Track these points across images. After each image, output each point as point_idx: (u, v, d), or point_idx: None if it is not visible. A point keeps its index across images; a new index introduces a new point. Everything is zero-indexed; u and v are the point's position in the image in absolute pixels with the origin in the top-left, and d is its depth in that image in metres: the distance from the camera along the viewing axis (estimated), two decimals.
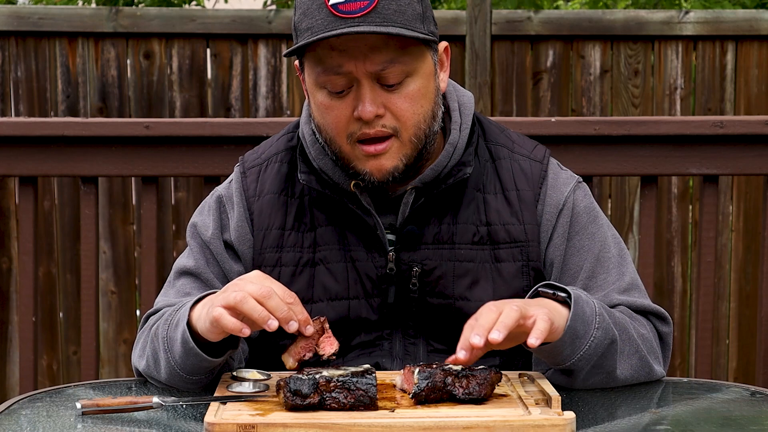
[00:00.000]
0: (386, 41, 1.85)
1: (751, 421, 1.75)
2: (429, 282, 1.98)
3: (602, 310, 1.86)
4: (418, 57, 1.90)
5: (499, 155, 2.05)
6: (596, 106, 4.42)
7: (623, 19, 4.42)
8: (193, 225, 2.08)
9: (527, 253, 2.00)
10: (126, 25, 4.38)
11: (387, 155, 1.91)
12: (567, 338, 1.80)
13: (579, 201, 2.05)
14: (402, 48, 1.87)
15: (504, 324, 1.69)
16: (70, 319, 4.35)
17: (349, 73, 1.86)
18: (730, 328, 4.38)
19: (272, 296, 1.73)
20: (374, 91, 1.87)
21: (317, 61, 1.89)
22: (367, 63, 1.85)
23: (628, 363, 1.90)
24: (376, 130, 1.89)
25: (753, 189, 4.34)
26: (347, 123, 1.90)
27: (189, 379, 1.87)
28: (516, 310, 1.71)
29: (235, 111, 4.41)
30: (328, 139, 1.94)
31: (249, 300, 1.72)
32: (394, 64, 1.87)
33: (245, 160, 2.09)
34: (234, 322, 1.72)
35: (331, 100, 1.90)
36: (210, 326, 1.77)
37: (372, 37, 1.84)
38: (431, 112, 1.94)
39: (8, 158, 3.14)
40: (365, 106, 1.87)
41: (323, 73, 1.88)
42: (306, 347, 1.79)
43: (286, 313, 1.74)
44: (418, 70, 1.90)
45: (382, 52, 1.85)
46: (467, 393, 1.68)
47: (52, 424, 1.72)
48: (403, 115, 1.90)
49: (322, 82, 1.89)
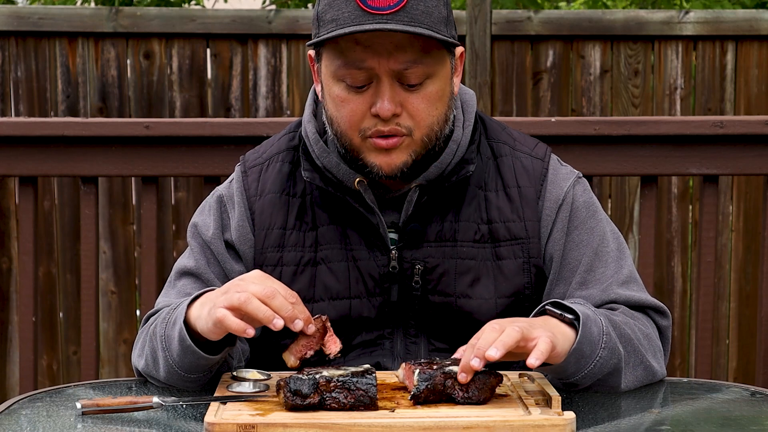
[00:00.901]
0: (411, 41, 1.86)
1: (751, 421, 1.75)
2: (431, 280, 1.98)
3: (609, 329, 1.85)
4: (438, 60, 1.91)
5: (501, 152, 2.05)
6: (596, 106, 4.42)
7: (623, 19, 4.42)
8: (193, 225, 2.08)
9: (528, 250, 2.00)
10: (126, 25, 4.38)
11: (397, 151, 1.91)
12: (572, 359, 1.80)
13: (578, 196, 2.05)
14: (425, 50, 1.88)
15: (503, 343, 1.68)
16: (70, 319, 4.35)
17: (371, 69, 1.87)
18: (730, 328, 4.38)
19: (276, 296, 1.74)
20: (394, 89, 1.88)
21: (338, 54, 1.89)
22: (391, 61, 1.86)
23: (632, 375, 1.90)
24: (391, 128, 1.89)
25: (753, 189, 4.34)
26: (362, 118, 1.90)
27: (187, 378, 1.87)
28: (518, 330, 1.70)
29: (235, 111, 4.41)
30: (340, 132, 1.94)
31: (253, 300, 1.72)
32: (416, 64, 1.87)
33: (246, 159, 2.09)
34: (238, 323, 1.72)
35: (348, 94, 1.90)
36: (213, 327, 1.76)
37: (398, 36, 1.85)
38: (445, 115, 1.95)
39: (8, 158, 3.14)
40: (384, 104, 1.87)
41: (344, 66, 1.88)
42: (307, 345, 1.79)
43: (291, 312, 1.74)
44: (438, 73, 1.91)
45: (406, 52, 1.86)
46: (466, 396, 1.68)
47: (52, 424, 1.72)
48: (419, 116, 1.90)
49: (342, 75, 1.89)
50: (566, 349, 1.78)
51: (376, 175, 1.94)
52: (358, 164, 1.95)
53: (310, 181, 2.00)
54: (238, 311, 1.73)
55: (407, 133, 1.91)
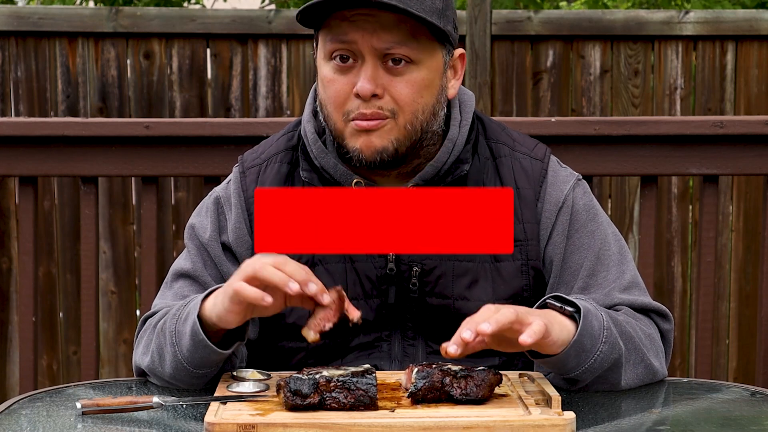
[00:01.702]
0: (398, 23, 1.87)
1: (751, 422, 1.75)
2: (428, 282, 1.98)
3: (610, 324, 1.85)
4: (427, 49, 1.91)
5: (500, 153, 2.05)
6: (596, 106, 4.42)
7: (623, 19, 4.42)
8: (191, 226, 2.08)
9: (526, 251, 2.00)
10: (126, 25, 4.38)
11: (378, 133, 1.91)
12: (572, 351, 1.80)
13: (578, 199, 2.05)
14: (413, 35, 1.88)
15: (496, 320, 1.69)
16: (70, 319, 4.35)
17: (353, 43, 1.87)
18: (730, 328, 4.38)
19: (288, 262, 1.75)
20: (377, 70, 1.88)
21: (328, 31, 1.91)
22: (374, 38, 1.87)
23: (633, 372, 1.90)
24: (373, 111, 1.89)
25: (753, 189, 4.34)
26: (346, 99, 1.91)
27: (195, 373, 1.86)
28: (513, 312, 1.71)
29: (235, 111, 4.42)
30: (327, 115, 1.95)
31: (267, 267, 1.73)
32: (401, 46, 1.88)
33: (244, 159, 2.09)
34: (255, 290, 1.73)
35: (335, 74, 1.91)
36: (230, 303, 1.77)
37: (385, 17, 1.86)
38: (431, 108, 1.94)
39: (8, 158, 3.14)
40: (363, 83, 1.88)
41: (331, 42, 1.90)
42: (325, 318, 1.78)
43: (305, 276, 1.74)
44: (425, 62, 1.91)
45: (392, 33, 1.87)
46: (465, 394, 1.68)
47: (52, 424, 1.72)
48: (402, 100, 1.90)
49: (329, 51, 1.91)
50: (563, 339, 1.78)
51: (357, 161, 1.93)
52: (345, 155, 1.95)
53: (309, 181, 2.00)
54: (255, 279, 1.74)
55: (390, 116, 1.90)
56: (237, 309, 1.77)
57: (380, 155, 1.92)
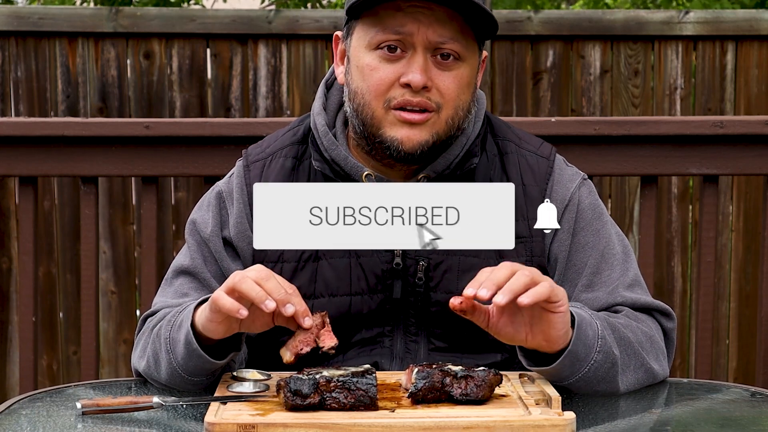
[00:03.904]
0: (450, 19, 1.88)
1: (751, 422, 1.75)
2: (434, 277, 1.98)
3: (605, 332, 1.85)
4: (471, 47, 1.94)
5: (507, 150, 2.06)
6: (596, 106, 4.42)
7: (623, 19, 4.42)
8: (192, 222, 2.08)
9: (531, 248, 2.00)
10: (126, 25, 4.38)
11: (422, 127, 1.92)
12: (567, 361, 1.80)
13: (584, 197, 2.05)
14: (463, 32, 1.91)
15: (510, 290, 1.67)
16: (70, 319, 4.35)
17: (410, 35, 1.88)
18: (730, 328, 4.38)
19: (271, 279, 1.73)
20: (427, 62, 1.90)
21: (376, 22, 1.91)
22: (429, 31, 1.88)
23: (632, 377, 1.90)
24: (420, 100, 1.90)
25: (753, 189, 4.34)
26: (389, 87, 1.91)
27: (190, 380, 1.86)
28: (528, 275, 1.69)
29: (235, 111, 4.42)
30: (363, 103, 1.94)
31: (247, 280, 1.72)
32: (453, 42, 1.90)
33: (249, 153, 2.09)
34: (231, 302, 1.72)
35: (380, 63, 1.91)
36: (209, 312, 1.77)
37: (440, 11, 1.88)
38: (468, 105, 1.97)
39: (8, 158, 3.14)
40: (417, 74, 1.89)
41: (382, 32, 1.90)
42: (304, 341, 1.77)
43: (284, 296, 1.73)
44: (468, 60, 1.93)
45: (446, 27, 1.89)
46: (465, 394, 1.68)
47: (52, 424, 1.72)
48: (448, 94, 1.92)
49: (377, 42, 1.90)
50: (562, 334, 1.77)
51: (394, 151, 1.93)
52: (375, 143, 1.94)
53: (321, 170, 2.00)
54: (234, 292, 1.73)
55: (436, 109, 1.91)
56: (218, 319, 1.77)
57: (421, 148, 1.93)
